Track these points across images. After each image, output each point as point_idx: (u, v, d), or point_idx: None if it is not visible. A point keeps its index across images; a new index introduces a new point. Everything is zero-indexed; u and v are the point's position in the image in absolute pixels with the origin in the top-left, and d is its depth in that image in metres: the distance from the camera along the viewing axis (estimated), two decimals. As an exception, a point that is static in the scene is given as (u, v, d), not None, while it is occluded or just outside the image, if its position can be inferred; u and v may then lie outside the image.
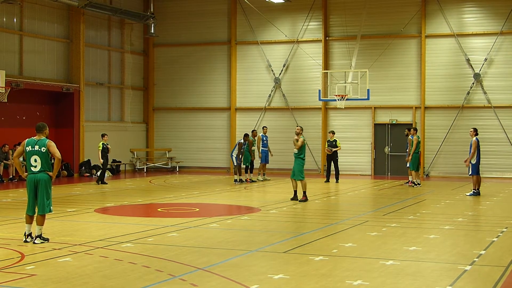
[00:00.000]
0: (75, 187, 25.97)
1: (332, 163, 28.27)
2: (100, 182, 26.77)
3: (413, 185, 25.72)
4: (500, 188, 25.38)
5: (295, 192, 20.44)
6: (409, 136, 26.20)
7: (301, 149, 20.02)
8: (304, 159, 20.19)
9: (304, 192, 20.16)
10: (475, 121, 30.90)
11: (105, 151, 26.62)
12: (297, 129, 20.28)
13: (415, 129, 26.23)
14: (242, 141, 26.98)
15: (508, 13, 31.10)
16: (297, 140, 20.00)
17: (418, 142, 25.74)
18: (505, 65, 31.34)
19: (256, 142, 28.43)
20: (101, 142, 26.63)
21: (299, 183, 20.24)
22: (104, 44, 34.32)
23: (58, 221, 15.40)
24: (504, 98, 31.30)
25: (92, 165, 32.08)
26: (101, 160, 26.64)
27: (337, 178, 28.14)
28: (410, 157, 25.64)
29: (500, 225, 15.21)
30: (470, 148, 22.20)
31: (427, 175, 32.08)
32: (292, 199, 20.39)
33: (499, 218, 16.67)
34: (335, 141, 28.09)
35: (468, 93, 31.67)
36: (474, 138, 22.13)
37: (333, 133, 28.53)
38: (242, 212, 18.07)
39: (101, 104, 34.09)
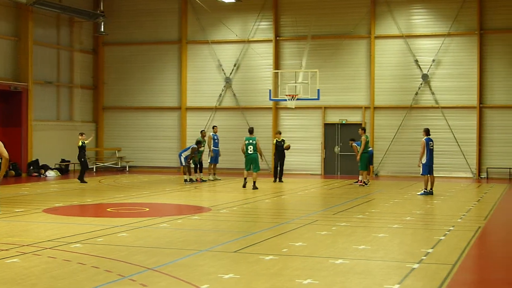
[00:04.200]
0: (23, 187, 25.60)
1: (279, 162, 28.33)
2: (80, 180, 26.75)
3: (364, 184, 25.92)
4: (447, 187, 25.74)
5: (246, 179, 24.63)
6: (354, 144, 26.56)
7: None
8: None
9: (255, 182, 24.38)
10: (423, 121, 31.34)
11: (83, 149, 26.68)
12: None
13: (363, 129, 26.46)
14: (195, 146, 26.86)
15: (455, 15, 31.59)
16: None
17: (367, 142, 25.96)
18: (452, 66, 31.84)
19: (206, 142, 28.35)
20: (81, 141, 26.69)
21: (252, 174, 24.36)
22: (53, 43, 33.90)
23: (5, 222, 15.16)
24: (451, 99, 31.80)
25: (40, 164, 31.68)
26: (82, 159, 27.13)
27: (280, 177, 28.20)
28: (358, 157, 25.85)
29: (447, 224, 15.42)
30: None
31: (376, 174, 32.40)
32: (245, 186, 24.40)
33: (446, 217, 16.90)
34: (283, 141, 28.22)
35: (416, 93, 32.10)
36: (423, 139, 22.42)
37: (280, 133, 28.69)
38: (192, 211, 18.01)
39: (50, 103, 33.67)
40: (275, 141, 28.36)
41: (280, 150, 28.12)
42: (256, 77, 34.35)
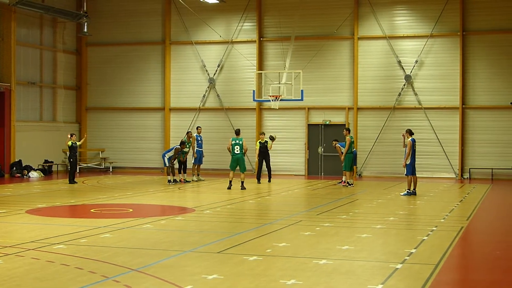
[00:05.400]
0: (6, 188, 25.46)
1: (264, 162, 28.37)
2: (71, 181, 26.84)
3: (347, 185, 25.97)
4: (430, 188, 25.84)
5: (231, 182, 24.88)
6: (337, 144, 26.61)
7: None
8: None
9: (243, 182, 24.85)
10: (406, 121, 31.45)
11: (74, 150, 26.58)
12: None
13: (348, 130, 26.54)
14: (179, 147, 26.85)
15: (438, 16, 31.73)
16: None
17: (351, 142, 26.02)
18: (435, 67, 31.98)
19: (191, 143, 28.29)
20: (70, 141, 26.56)
21: (240, 174, 24.89)
22: (36, 43, 33.73)
23: (-12, 223, 15.09)
24: (434, 99, 31.92)
25: (23, 165, 31.51)
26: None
27: (269, 178, 28.24)
28: (343, 157, 25.91)
29: (430, 224, 15.49)
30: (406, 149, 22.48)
31: (359, 175, 32.47)
32: (230, 188, 24.62)
33: (429, 217, 16.97)
34: (266, 142, 28.23)
35: (399, 94, 32.21)
36: (409, 139, 22.39)
37: (264, 134, 28.67)
38: (176, 212, 17.99)
39: (32, 103, 33.49)
40: (258, 143, 28.27)
41: (264, 151, 28.08)
42: (239, 77, 34.36)
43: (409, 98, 32.26)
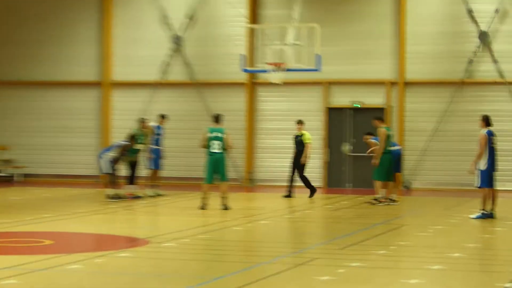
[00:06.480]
0: None
1: (297, 171, 28.38)
2: None
3: (382, 202, 25.87)
4: (517, 207, 25.96)
5: (205, 199, 24.63)
6: (371, 140, 26.63)
7: None
8: None
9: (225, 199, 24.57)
10: (481, 104, 31.48)
11: None
12: None
13: (381, 119, 26.44)
14: (127, 142, 26.78)
15: None
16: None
17: (388, 136, 25.87)
18: (526, 19, 32.11)
19: (145, 136, 28.23)
20: None
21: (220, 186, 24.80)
22: None
23: None
24: (524, 70, 32.04)
25: None
26: None
27: (312, 192, 28.25)
28: (377, 160, 25.79)
29: (516, 264, 15.54)
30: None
31: (406, 186, 32.47)
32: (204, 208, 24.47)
33: (515, 253, 17.04)
34: (303, 135, 28.25)
35: (471, 61, 32.22)
36: (483, 132, 22.25)
37: (302, 123, 28.58)
38: (120, 245, 18.01)
39: None
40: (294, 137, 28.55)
41: (299, 150, 28.19)
42: (221, 35, 34.37)
43: (486, 68, 32.28)
